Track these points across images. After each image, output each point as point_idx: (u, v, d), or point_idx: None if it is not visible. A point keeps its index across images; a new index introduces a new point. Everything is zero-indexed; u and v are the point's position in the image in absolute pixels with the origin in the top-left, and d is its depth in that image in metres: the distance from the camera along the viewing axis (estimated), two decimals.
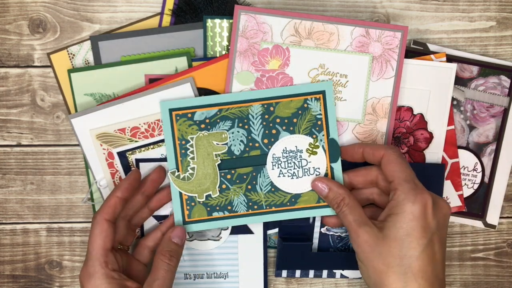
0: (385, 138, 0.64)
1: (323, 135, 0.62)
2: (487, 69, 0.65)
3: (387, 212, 0.55)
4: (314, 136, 0.62)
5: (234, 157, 0.62)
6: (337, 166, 0.62)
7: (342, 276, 0.67)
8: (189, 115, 0.61)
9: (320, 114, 0.62)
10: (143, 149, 0.63)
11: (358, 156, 0.60)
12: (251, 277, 0.66)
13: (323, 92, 0.61)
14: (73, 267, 0.68)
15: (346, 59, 0.62)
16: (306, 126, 0.62)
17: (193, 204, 0.62)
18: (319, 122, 0.62)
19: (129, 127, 0.62)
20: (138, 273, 0.61)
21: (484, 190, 0.67)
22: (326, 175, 0.62)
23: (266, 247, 0.66)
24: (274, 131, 0.62)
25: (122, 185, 0.59)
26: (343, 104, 0.63)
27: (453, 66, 0.63)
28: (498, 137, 0.66)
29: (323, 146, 0.62)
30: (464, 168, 0.66)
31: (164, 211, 0.64)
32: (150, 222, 0.64)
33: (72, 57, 0.64)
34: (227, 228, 0.65)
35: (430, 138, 0.65)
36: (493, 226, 0.68)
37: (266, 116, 0.62)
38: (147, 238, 0.63)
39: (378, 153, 0.58)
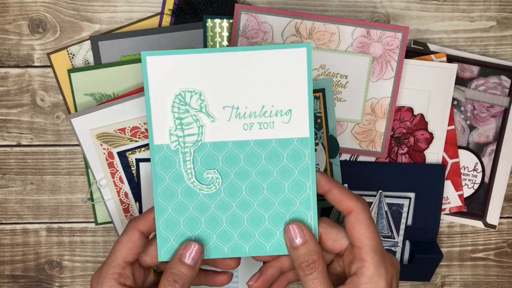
0: (384, 138, 0.64)
1: (322, 133, 0.62)
2: (488, 69, 0.65)
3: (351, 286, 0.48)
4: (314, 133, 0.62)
5: None
6: (336, 162, 0.63)
7: None
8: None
9: (320, 113, 0.62)
10: (143, 149, 0.63)
11: (321, 190, 0.50)
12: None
13: (322, 91, 0.61)
14: (73, 267, 0.68)
15: (346, 59, 0.62)
16: None
17: None
18: (318, 120, 0.62)
19: (129, 127, 0.62)
20: None
21: (484, 190, 0.67)
22: (325, 170, 0.62)
23: None
24: None
25: None
26: (342, 104, 0.63)
27: (454, 66, 0.63)
28: (498, 137, 0.66)
29: (322, 143, 0.62)
30: (464, 168, 0.66)
31: None
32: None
33: (72, 57, 0.64)
34: None
35: (430, 138, 0.64)
36: (493, 226, 0.68)
37: None
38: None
39: (347, 204, 0.49)
